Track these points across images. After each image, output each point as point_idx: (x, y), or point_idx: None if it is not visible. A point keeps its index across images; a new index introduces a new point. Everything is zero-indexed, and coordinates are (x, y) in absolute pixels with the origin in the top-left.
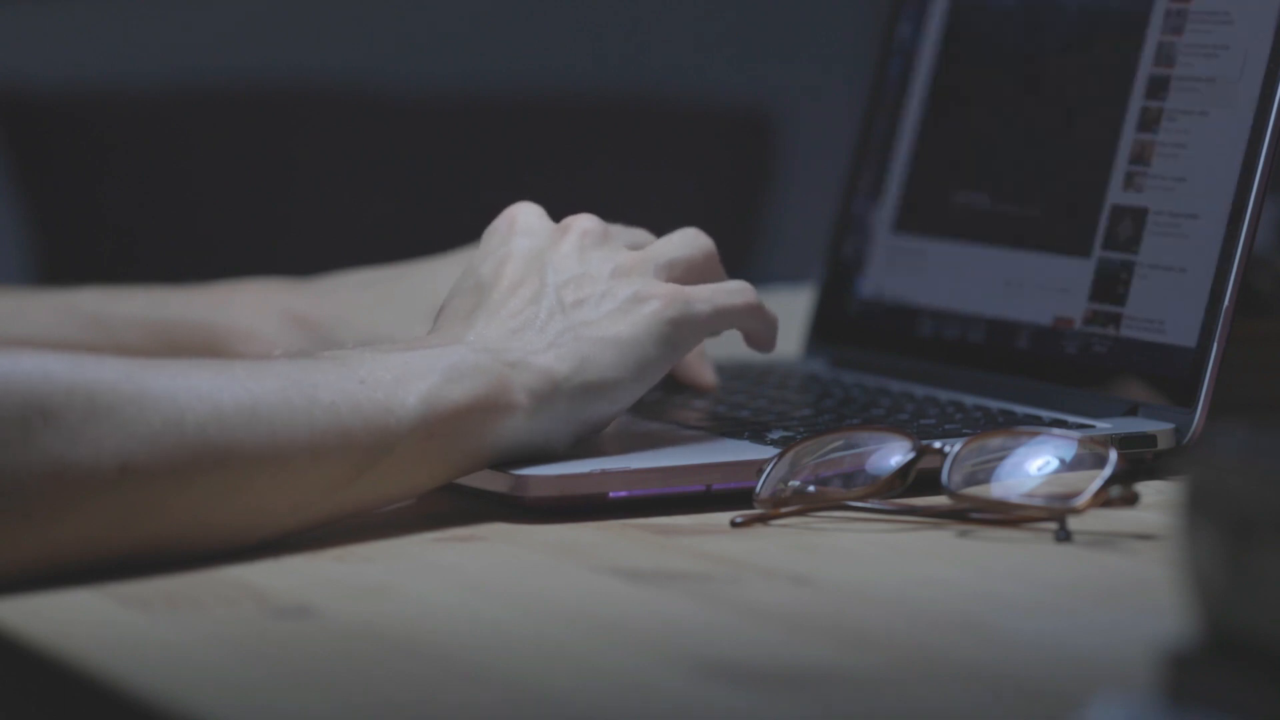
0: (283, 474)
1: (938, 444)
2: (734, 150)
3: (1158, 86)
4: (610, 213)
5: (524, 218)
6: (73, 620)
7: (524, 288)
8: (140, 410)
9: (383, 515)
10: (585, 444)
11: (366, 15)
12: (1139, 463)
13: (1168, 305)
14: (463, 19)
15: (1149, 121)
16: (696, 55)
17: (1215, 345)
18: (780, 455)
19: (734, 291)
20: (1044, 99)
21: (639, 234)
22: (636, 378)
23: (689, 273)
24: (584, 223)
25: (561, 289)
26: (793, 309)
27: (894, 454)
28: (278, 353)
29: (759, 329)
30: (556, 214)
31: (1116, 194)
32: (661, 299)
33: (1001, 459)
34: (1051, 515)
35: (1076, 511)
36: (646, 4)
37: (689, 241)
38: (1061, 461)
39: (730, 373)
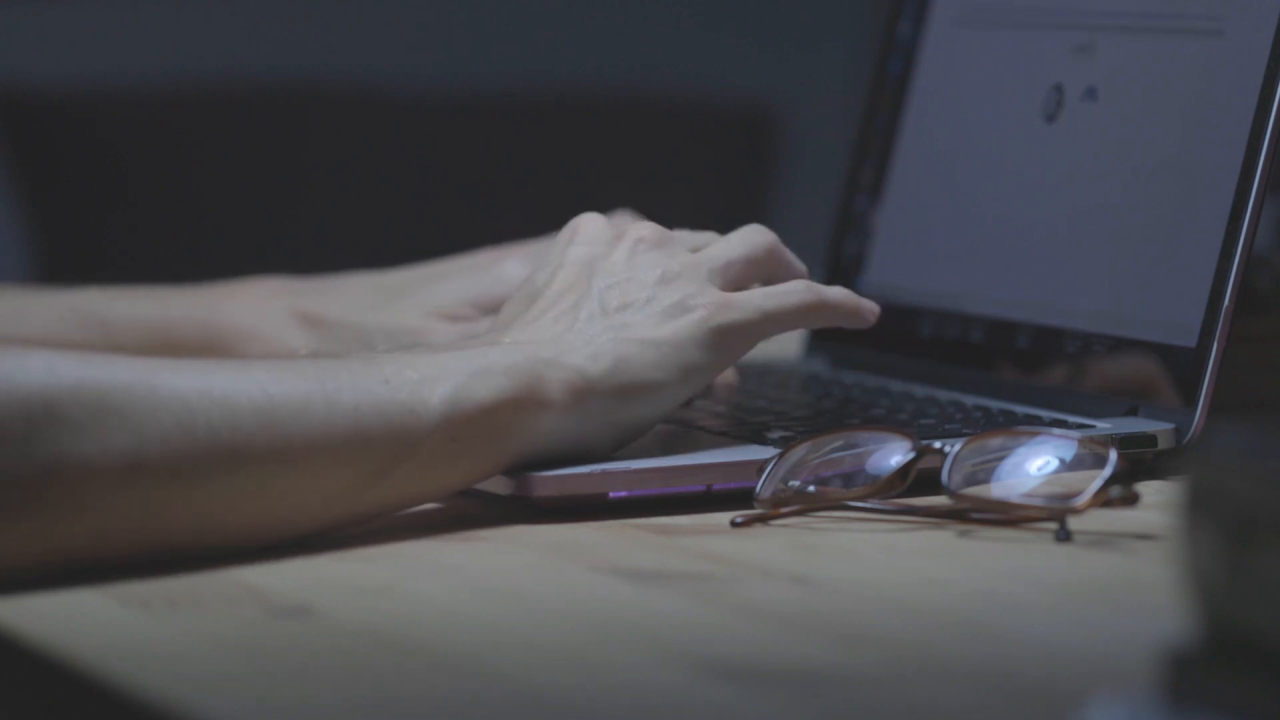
0: (298, 477)
1: (938, 444)
2: (734, 150)
3: None
4: (610, 212)
5: (585, 227)
6: (73, 620)
7: (570, 293)
8: (151, 411)
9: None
10: None
11: (368, 15)
12: (1139, 463)
13: (1168, 305)
14: (464, 19)
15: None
16: (697, 54)
17: (1215, 345)
18: (780, 455)
19: (786, 294)
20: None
21: (705, 237)
22: (679, 380)
23: (748, 271)
24: (640, 230)
25: (606, 293)
26: None
27: (894, 454)
28: (304, 352)
29: (824, 325)
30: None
31: (1116, 193)
32: (707, 306)
33: (1001, 459)
34: (1051, 515)
35: (1076, 511)
36: (646, 3)
37: (747, 239)
38: (1061, 461)
39: None
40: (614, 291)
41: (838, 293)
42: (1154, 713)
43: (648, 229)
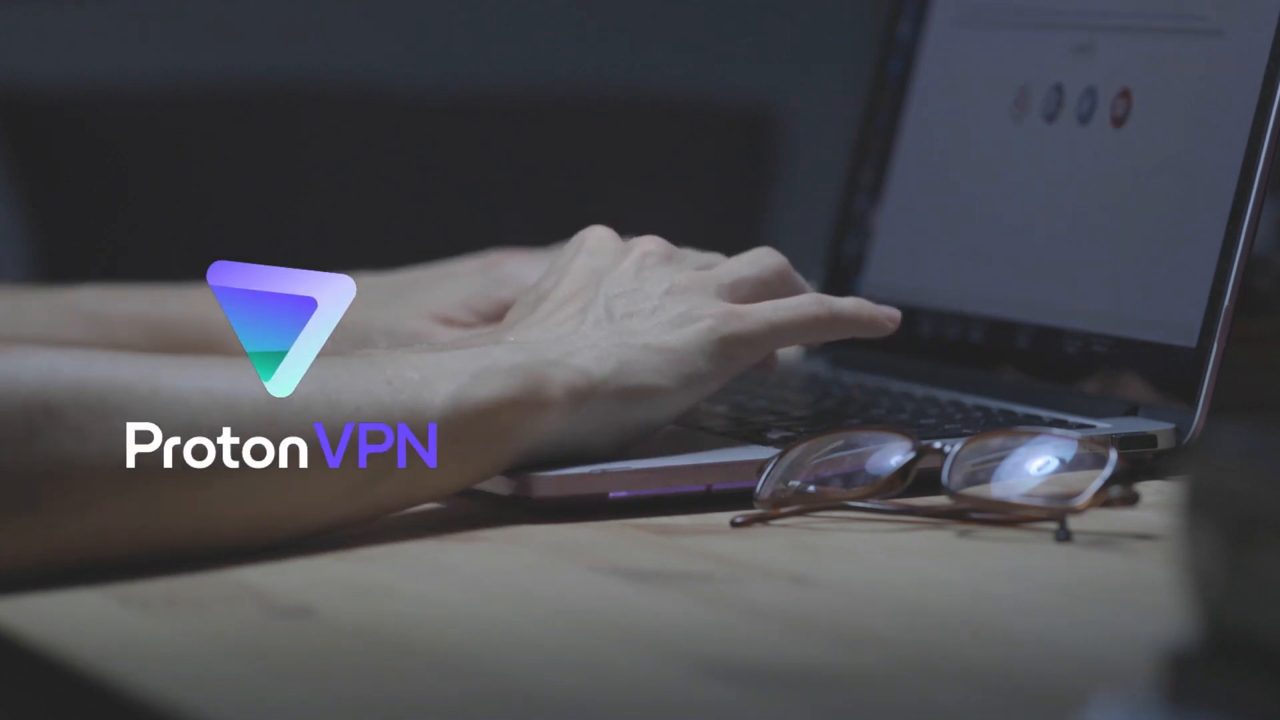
0: (299, 478)
1: (938, 444)
2: (734, 150)
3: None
4: (610, 212)
5: (593, 238)
6: (73, 620)
7: (576, 300)
8: (152, 411)
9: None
10: None
11: (368, 15)
12: (1139, 463)
13: (1168, 305)
14: (464, 19)
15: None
16: (697, 55)
17: (1215, 345)
18: (780, 455)
19: (795, 306)
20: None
21: (712, 257)
22: (682, 387)
23: (757, 291)
24: (647, 244)
25: (612, 301)
26: None
27: (894, 454)
28: None
29: (837, 338)
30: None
31: (1116, 193)
32: (714, 316)
33: (1001, 459)
34: (1051, 515)
35: (1076, 511)
36: (646, 4)
37: (757, 260)
38: (1061, 461)
39: None
40: (620, 300)
41: (850, 304)
42: (1154, 713)
43: (655, 244)
